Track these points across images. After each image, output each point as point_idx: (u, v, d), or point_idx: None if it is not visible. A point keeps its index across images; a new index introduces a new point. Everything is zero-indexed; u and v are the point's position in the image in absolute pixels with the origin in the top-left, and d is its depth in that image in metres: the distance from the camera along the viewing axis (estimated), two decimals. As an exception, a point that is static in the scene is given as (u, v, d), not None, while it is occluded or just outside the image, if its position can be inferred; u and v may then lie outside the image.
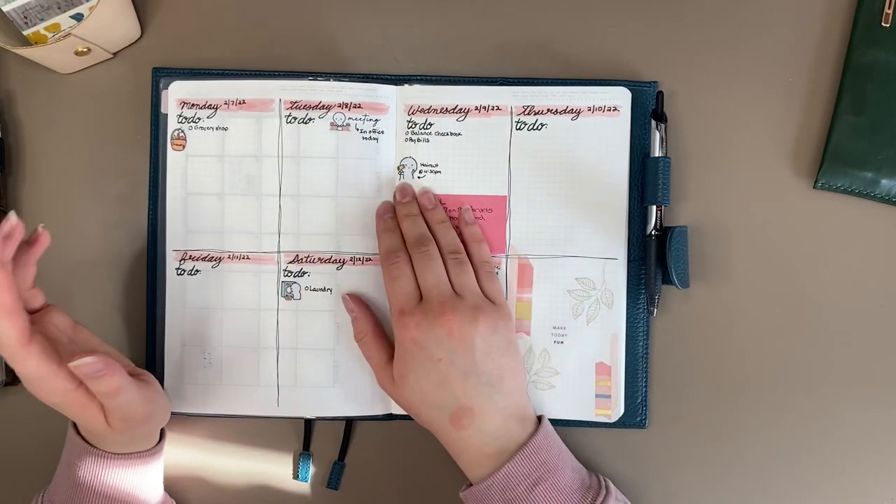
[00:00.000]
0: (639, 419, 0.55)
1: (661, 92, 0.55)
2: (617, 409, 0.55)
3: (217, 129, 0.55)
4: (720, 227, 0.56)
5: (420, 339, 0.49)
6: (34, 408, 0.46)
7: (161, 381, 0.55)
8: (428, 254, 0.52)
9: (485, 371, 0.49)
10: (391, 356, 0.52)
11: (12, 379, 0.55)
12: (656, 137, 0.54)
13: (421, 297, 0.51)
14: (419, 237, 0.52)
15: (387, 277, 0.52)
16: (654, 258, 0.54)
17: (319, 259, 0.55)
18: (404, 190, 0.55)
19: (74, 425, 0.49)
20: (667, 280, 0.53)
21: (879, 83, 0.54)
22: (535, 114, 0.55)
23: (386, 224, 0.54)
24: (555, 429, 0.51)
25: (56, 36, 0.55)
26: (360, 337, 0.53)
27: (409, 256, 0.52)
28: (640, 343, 0.55)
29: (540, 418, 0.51)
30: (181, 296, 0.55)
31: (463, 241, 0.54)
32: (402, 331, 0.50)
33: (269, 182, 0.55)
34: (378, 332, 0.53)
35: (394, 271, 0.52)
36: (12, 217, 0.41)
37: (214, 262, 0.55)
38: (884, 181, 0.54)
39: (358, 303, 0.54)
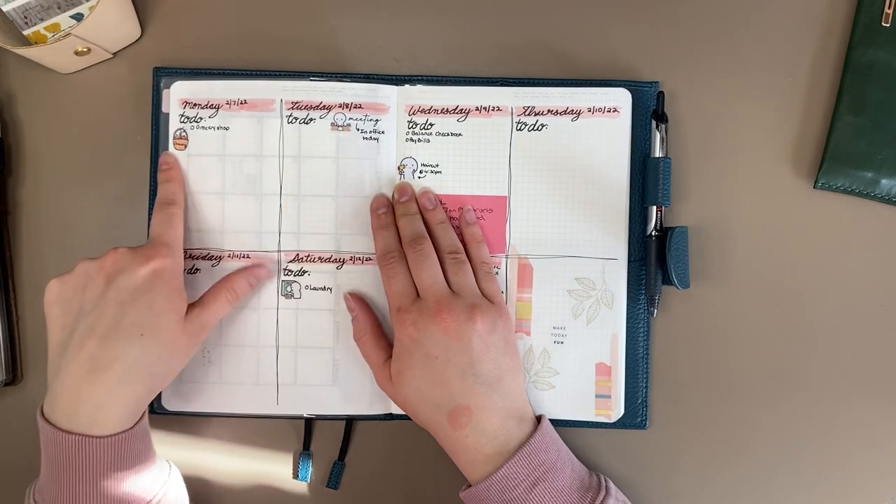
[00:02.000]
0: (639, 419, 0.55)
1: (661, 92, 0.55)
2: (617, 410, 0.55)
3: (218, 128, 0.55)
4: (720, 227, 0.56)
5: (417, 337, 0.49)
6: (34, 408, 0.46)
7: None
8: (423, 253, 0.52)
9: (482, 370, 0.49)
10: (389, 356, 0.52)
11: (12, 379, 0.55)
12: (657, 138, 0.54)
13: (418, 295, 0.51)
14: (414, 236, 0.52)
15: (383, 276, 0.52)
16: (654, 259, 0.54)
17: (319, 258, 0.55)
18: (403, 189, 0.55)
19: (41, 412, 0.46)
20: (667, 280, 0.53)
21: (879, 83, 0.54)
22: (535, 114, 0.55)
23: (380, 221, 0.54)
24: (555, 429, 0.51)
25: (56, 36, 0.55)
26: (358, 336, 0.53)
27: (404, 255, 0.52)
28: (641, 343, 0.55)
29: (539, 418, 0.51)
30: None
31: (463, 242, 0.54)
32: (400, 327, 0.50)
33: (270, 181, 0.55)
34: (377, 331, 0.53)
35: (389, 270, 0.52)
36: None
37: (214, 261, 0.55)
38: (884, 181, 0.54)
39: (358, 302, 0.54)
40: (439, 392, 0.49)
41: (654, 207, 0.54)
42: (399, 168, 0.55)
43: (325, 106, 0.55)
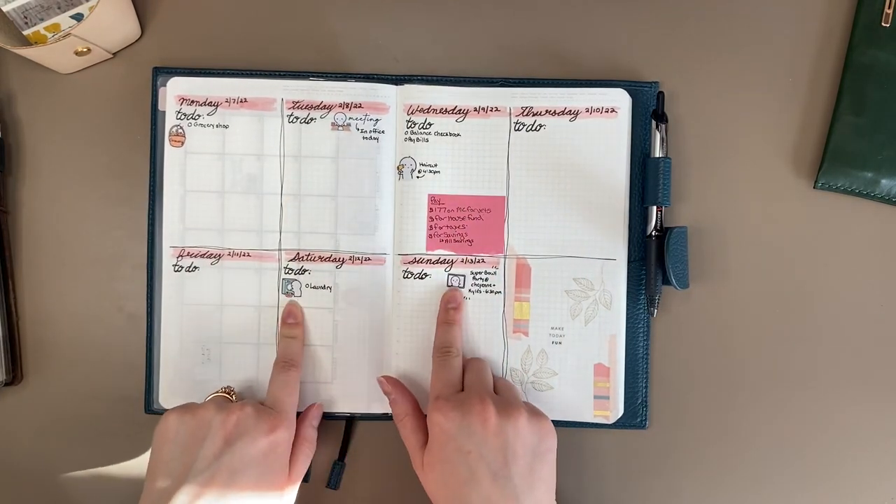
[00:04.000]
0: (639, 419, 0.55)
1: (661, 92, 0.55)
2: (615, 411, 0.55)
3: (218, 126, 0.55)
4: (720, 228, 0.56)
5: (450, 430, 0.47)
6: (34, 408, 0.46)
7: (158, 378, 0.55)
8: (484, 360, 0.54)
9: (515, 473, 0.46)
10: (427, 439, 0.50)
11: (12, 379, 0.55)
12: (657, 138, 0.54)
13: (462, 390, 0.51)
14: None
15: (436, 365, 0.52)
16: (654, 259, 0.54)
17: (319, 257, 0.55)
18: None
19: None
20: (666, 281, 0.53)
21: (879, 83, 0.54)
22: (533, 115, 0.55)
23: (447, 316, 0.54)
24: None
25: (56, 36, 0.56)
26: (399, 418, 0.52)
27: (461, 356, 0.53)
28: (641, 343, 0.55)
29: None
30: (178, 292, 0.55)
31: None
32: (435, 416, 0.49)
33: (270, 181, 0.55)
34: (416, 412, 0.52)
35: (446, 361, 0.52)
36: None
37: (214, 259, 0.55)
38: (884, 181, 0.54)
39: (394, 384, 0.53)
40: (467, 492, 0.46)
41: (655, 207, 0.54)
42: (398, 168, 0.55)
43: (325, 105, 0.55)
